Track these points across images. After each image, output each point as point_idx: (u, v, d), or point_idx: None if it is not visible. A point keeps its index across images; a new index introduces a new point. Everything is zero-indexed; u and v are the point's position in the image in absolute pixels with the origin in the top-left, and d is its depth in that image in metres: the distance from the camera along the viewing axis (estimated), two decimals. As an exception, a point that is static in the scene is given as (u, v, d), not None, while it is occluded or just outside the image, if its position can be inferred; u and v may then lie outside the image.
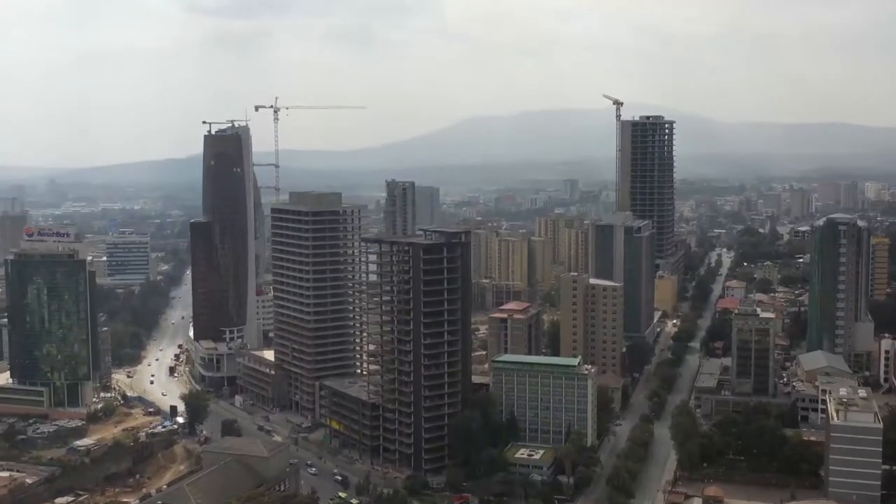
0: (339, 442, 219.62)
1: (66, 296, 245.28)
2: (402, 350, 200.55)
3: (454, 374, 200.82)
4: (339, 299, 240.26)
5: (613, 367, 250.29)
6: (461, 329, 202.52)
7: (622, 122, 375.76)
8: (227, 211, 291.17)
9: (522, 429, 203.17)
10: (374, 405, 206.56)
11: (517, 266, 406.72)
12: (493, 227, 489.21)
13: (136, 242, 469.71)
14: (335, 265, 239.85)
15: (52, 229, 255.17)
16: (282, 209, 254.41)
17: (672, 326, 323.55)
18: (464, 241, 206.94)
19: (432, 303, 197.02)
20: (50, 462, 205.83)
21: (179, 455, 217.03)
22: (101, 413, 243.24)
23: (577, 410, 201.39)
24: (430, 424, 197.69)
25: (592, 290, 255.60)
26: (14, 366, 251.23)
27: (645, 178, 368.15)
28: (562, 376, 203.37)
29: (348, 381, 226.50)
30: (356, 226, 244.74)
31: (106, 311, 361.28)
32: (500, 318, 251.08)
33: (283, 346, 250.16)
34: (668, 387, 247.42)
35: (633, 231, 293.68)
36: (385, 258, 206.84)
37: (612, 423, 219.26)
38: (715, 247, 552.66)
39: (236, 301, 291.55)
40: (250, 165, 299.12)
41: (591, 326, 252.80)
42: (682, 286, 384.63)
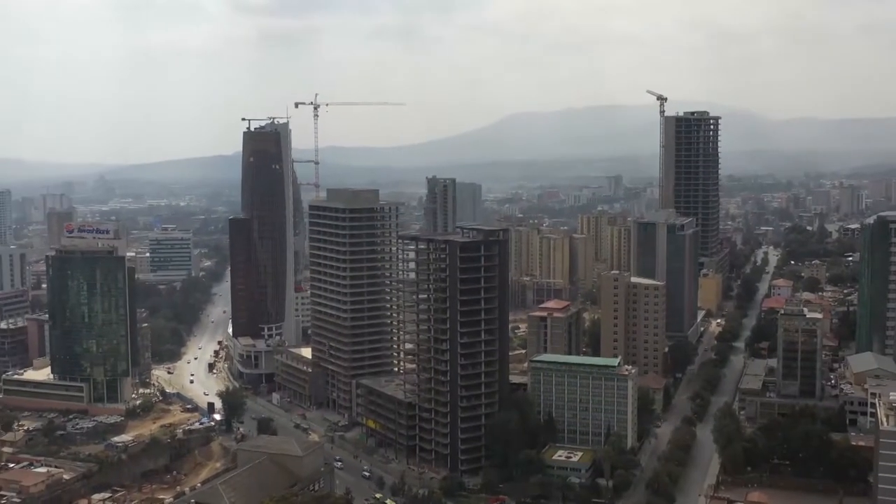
0: (375, 441, 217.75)
1: (106, 292, 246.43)
2: (439, 349, 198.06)
3: (491, 373, 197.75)
4: (376, 297, 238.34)
5: (655, 368, 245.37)
6: (498, 328, 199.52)
7: (666, 117, 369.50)
8: (266, 208, 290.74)
9: (561, 430, 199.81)
10: (411, 404, 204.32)
11: (558, 264, 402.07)
12: (534, 224, 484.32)
13: (178, 239, 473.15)
14: (372, 262, 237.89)
15: (92, 226, 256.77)
16: (319, 206, 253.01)
17: (716, 326, 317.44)
18: (502, 239, 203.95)
19: (469, 301, 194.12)
20: (87, 458, 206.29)
21: (216, 452, 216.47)
22: (140, 409, 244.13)
23: (616, 412, 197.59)
24: (466, 424, 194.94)
25: (634, 288, 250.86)
26: (55, 361, 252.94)
27: (689, 175, 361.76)
28: (601, 377, 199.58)
29: (385, 379, 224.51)
30: (393, 223, 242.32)
31: (147, 306, 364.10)
32: (539, 317, 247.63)
33: (320, 343, 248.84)
34: (711, 388, 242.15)
35: (676, 229, 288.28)
36: (422, 256, 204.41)
37: (652, 425, 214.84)
38: (761, 244, 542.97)
39: (275, 298, 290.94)
40: (289, 162, 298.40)
41: (632, 326, 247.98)
42: (727, 285, 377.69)
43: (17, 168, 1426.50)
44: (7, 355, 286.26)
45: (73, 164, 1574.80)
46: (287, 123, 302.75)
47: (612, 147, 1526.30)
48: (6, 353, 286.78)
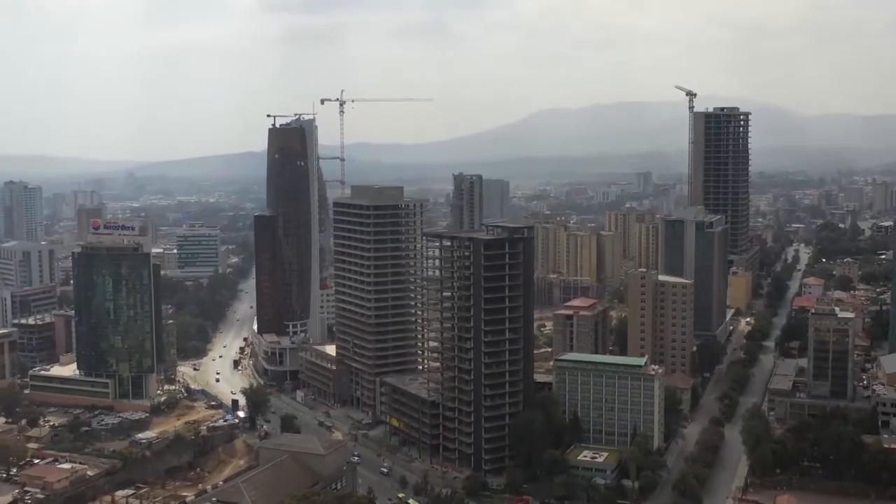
0: (398, 440, 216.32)
1: (131, 288, 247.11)
2: (463, 348, 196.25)
3: (516, 372, 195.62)
4: (400, 294, 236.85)
5: (683, 367, 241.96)
6: (523, 327, 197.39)
7: (695, 113, 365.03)
8: (291, 204, 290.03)
9: (586, 430, 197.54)
10: (434, 403, 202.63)
11: (586, 261, 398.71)
12: (561, 220, 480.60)
13: (205, 235, 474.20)
14: (396, 260, 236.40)
15: (118, 223, 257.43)
16: (343, 203, 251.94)
17: (745, 325, 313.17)
18: (527, 237, 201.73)
19: (493, 300, 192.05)
20: (112, 454, 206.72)
21: (239, 450, 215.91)
22: (165, 406, 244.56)
23: (643, 412, 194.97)
24: (490, 424, 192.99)
25: (661, 286, 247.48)
26: (80, 357, 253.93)
27: (719, 172, 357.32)
28: (627, 376, 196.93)
29: (409, 377, 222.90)
30: (418, 220, 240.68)
31: (174, 303, 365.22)
32: (565, 315, 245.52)
33: (344, 341, 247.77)
34: (739, 388, 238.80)
35: (704, 226, 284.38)
36: (446, 253, 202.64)
37: (679, 426, 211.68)
38: (792, 242, 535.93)
39: (300, 295, 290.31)
40: (315, 159, 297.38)
41: (659, 324, 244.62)
42: (757, 283, 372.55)
43: (49, 165, 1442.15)
44: (35, 351, 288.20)
45: (104, 161, 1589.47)
46: (313, 120, 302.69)
47: (640, 143, 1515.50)
48: (34, 349, 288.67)
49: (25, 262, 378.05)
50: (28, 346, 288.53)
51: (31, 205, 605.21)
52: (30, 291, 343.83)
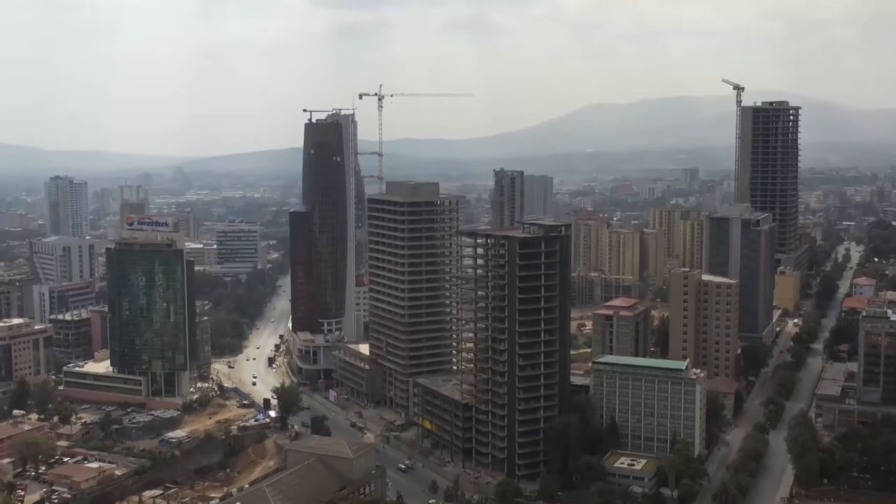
0: (430, 442, 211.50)
1: (164, 285, 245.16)
2: (497, 349, 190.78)
3: (551, 375, 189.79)
4: (434, 293, 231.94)
5: (726, 370, 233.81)
6: (559, 328, 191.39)
7: (743, 108, 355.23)
8: (326, 200, 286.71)
9: (624, 436, 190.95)
10: (467, 406, 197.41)
11: (628, 259, 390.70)
12: (604, 217, 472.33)
13: (245, 231, 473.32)
14: (431, 258, 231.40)
15: (152, 218, 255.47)
16: (377, 199, 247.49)
17: (793, 326, 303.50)
18: (564, 235, 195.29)
19: (529, 300, 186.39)
20: (141, 453, 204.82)
21: (269, 450, 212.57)
22: (197, 404, 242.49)
23: (683, 418, 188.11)
24: (524, 428, 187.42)
25: (705, 286, 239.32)
26: (114, 354, 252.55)
27: (767, 168, 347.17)
28: (667, 380, 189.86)
29: (442, 378, 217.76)
30: (454, 217, 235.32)
31: (212, 299, 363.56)
32: (605, 315, 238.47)
33: (377, 340, 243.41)
34: (785, 393, 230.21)
35: (751, 224, 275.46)
36: (480, 252, 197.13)
37: (722, 432, 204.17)
38: (843, 240, 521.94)
39: (335, 292, 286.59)
40: (351, 154, 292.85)
41: (703, 326, 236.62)
42: (805, 283, 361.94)
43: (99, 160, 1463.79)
44: (71, 346, 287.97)
45: (153, 157, 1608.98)
46: (353, 115, 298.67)
47: (687, 139, 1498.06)
48: (70, 345, 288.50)
49: (66, 257, 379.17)
50: (64, 342, 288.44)
51: (77, 200, 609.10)
52: (68, 287, 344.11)
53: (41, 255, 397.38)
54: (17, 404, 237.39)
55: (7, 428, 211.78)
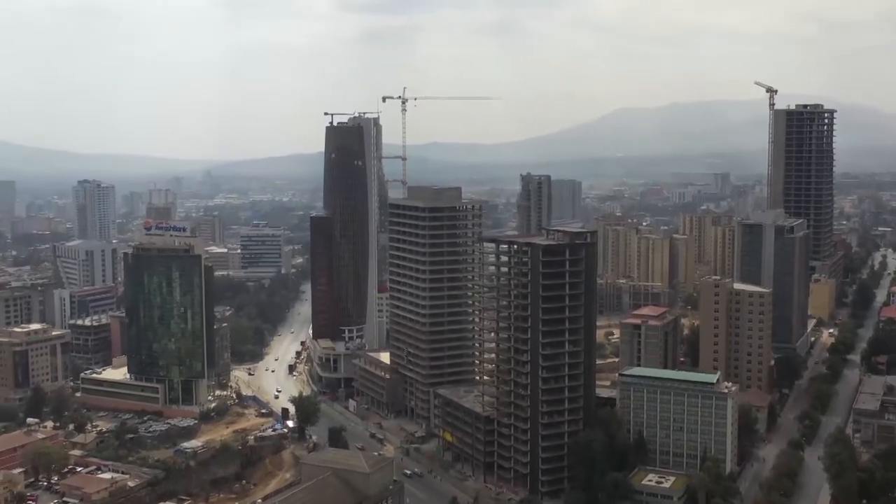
0: (451, 455, 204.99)
1: (181, 291, 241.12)
2: (519, 360, 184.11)
3: (575, 387, 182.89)
4: (456, 301, 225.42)
5: (759, 383, 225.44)
6: (584, 338, 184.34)
7: (776, 111, 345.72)
8: (347, 205, 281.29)
9: (652, 451, 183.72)
10: (489, 418, 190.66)
11: (657, 266, 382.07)
12: (633, 223, 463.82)
13: (269, 235, 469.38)
14: (453, 265, 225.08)
15: (169, 223, 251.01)
16: (398, 204, 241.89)
17: (828, 336, 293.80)
18: (589, 242, 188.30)
19: (552, 309, 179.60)
20: (155, 464, 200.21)
21: (286, 462, 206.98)
22: (214, 412, 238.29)
23: (714, 433, 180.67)
24: (548, 443, 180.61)
25: (737, 295, 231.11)
26: (131, 361, 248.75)
27: (801, 172, 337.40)
28: (698, 394, 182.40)
29: (464, 389, 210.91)
30: (476, 223, 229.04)
31: (234, 304, 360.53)
32: (633, 325, 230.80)
33: (398, 349, 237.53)
34: (821, 407, 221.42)
35: (784, 230, 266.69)
36: (502, 259, 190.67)
37: (755, 448, 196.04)
38: (879, 247, 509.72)
39: (356, 299, 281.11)
40: (373, 158, 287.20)
41: (734, 336, 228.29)
42: (841, 291, 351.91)
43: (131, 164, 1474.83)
44: (91, 352, 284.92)
45: (183, 160, 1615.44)
46: (377, 119, 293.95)
47: (718, 143, 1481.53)
48: (90, 351, 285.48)
49: (88, 262, 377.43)
50: (83, 348, 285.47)
51: (105, 203, 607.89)
52: (89, 291, 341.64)
53: (64, 259, 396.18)
54: (32, 411, 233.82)
55: (20, 436, 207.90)
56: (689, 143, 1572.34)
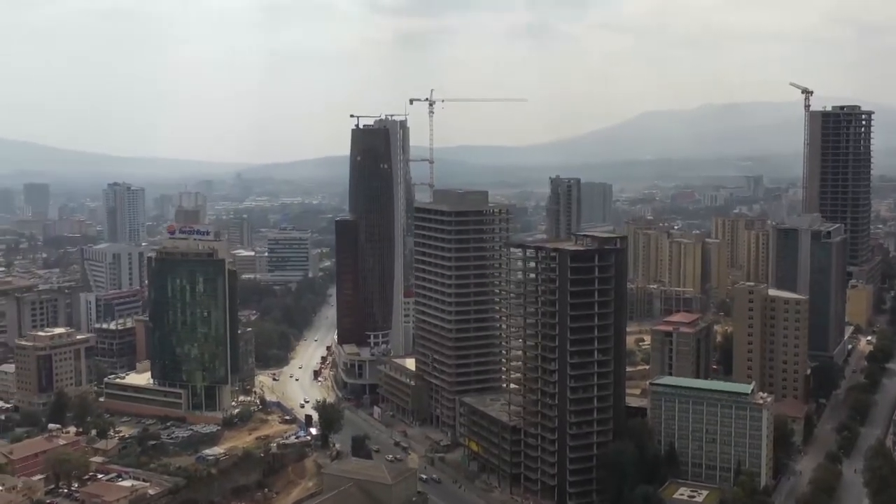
0: (477, 465, 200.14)
1: (205, 295, 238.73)
2: (546, 368, 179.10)
3: (605, 397, 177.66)
4: (483, 307, 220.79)
5: (795, 392, 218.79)
6: (614, 346, 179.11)
7: (811, 112, 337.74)
8: (373, 209, 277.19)
9: (684, 464, 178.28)
10: (515, 428, 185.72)
11: (689, 270, 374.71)
12: (664, 227, 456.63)
13: (296, 238, 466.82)
14: (479, 270, 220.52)
15: (193, 227, 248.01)
16: (423, 208, 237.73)
17: (866, 344, 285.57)
18: (619, 248, 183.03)
19: (581, 317, 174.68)
20: (177, 471, 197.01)
21: (309, 470, 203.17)
22: (237, 418, 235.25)
23: (748, 445, 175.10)
24: (576, 454, 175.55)
25: (772, 302, 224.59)
26: (154, 366, 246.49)
27: (837, 175, 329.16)
28: (732, 405, 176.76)
29: (490, 398, 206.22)
30: (503, 227, 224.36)
31: (261, 308, 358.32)
32: (664, 332, 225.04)
33: (423, 355, 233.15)
34: (860, 418, 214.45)
35: (821, 235, 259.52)
36: (529, 265, 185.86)
37: (791, 461, 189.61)
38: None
39: (381, 304, 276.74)
40: (400, 161, 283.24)
41: (769, 344, 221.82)
42: (879, 297, 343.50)
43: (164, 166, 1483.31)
44: (115, 356, 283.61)
45: (214, 163, 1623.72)
46: (405, 121, 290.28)
47: (751, 145, 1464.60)
48: (115, 355, 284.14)
49: (115, 265, 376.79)
50: (108, 352, 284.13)
51: (134, 206, 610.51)
52: (115, 295, 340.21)
53: (92, 261, 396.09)
54: (55, 416, 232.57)
55: (41, 442, 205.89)
56: (720, 146, 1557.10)
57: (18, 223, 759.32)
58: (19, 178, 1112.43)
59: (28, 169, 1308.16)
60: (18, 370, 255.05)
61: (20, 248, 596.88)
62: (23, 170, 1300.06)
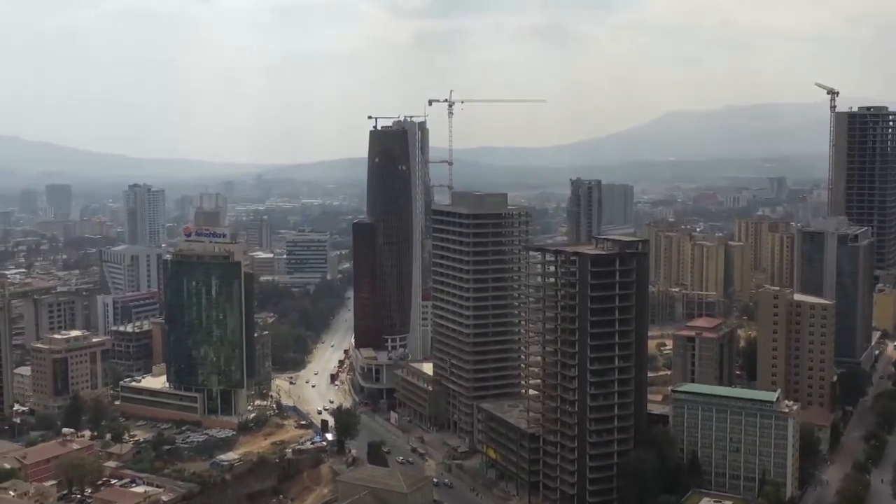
0: (495, 472, 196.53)
1: (220, 298, 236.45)
2: (566, 375, 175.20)
3: (626, 405, 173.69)
4: (501, 311, 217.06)
5: (821, 399, 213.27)
6: (636, 353, 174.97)
7: (837, 113, 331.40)
8: (391, 211, 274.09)
9: (707, 473, 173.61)
10: (534, 436, 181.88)
11: (712, 274, 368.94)
12: (686, 229, 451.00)
13: (315, 240, 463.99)
14: (498, 274, 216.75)
15: (209, 229, 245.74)
16: (441, 211, 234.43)
17: (893, 350, 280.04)
18: (640, 252, 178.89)
19: (601, 322, 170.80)
20: (191, 477, 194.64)
21: (325, 476, 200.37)
22: (253, 423, 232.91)
23: (773, 455, 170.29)
24: (596, 463, 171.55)
25: (797, 307, 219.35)
26: (170, 369, 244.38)
27: (864, 177, 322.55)
28: (756, 413, 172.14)
29: (508, 404, 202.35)
30: (523, 230, 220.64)
31: (278, 310, 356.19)
32: (686, 337, 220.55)
33: (441, 360, 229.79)
34: (888, 426, 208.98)
35: (847, 239, 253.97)
36: (549, 269, 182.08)
37: (817, 471, 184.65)
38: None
39: (399, 307, 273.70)
40: (418, 162, 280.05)
41: (794, 350, 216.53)
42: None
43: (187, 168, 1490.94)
44: (132, 359, 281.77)
45: (235, 164, 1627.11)
46: (424, 122, 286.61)
47: (774, 146, 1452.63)
48: (131, 357, 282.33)
49: (134, 267, 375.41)
50: (125, 355, 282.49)
51: (154, 208, 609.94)
52: (132, 297, 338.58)
53: (110, 263, 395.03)
54: (70, 420, 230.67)
55: (55, 447, 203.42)
56: (742, 147, 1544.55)
57: (40, 224, 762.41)
58: (44, 180, 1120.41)
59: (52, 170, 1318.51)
60: (34, 373, 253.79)
61: (41, 249, 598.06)
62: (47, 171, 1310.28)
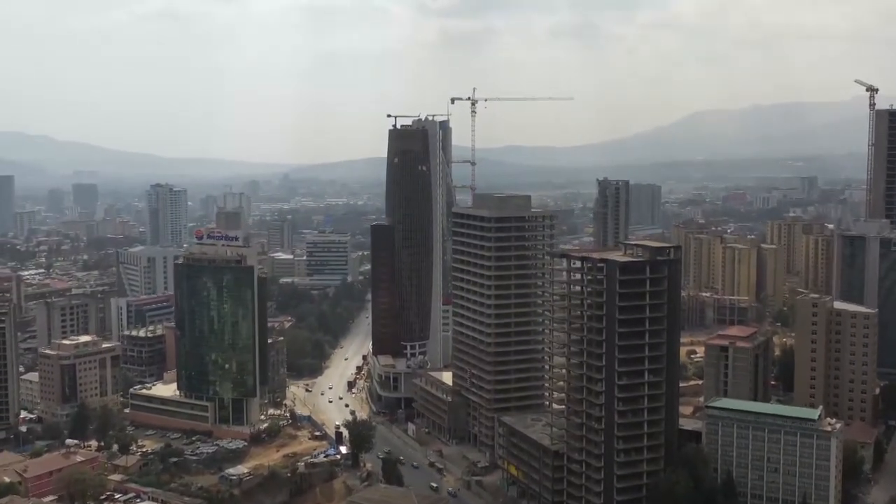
0: (517, 490, 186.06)
1: (233, 303, 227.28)
2: (592, 389, 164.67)
3: (656, 421, 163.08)
4: (524, 319, 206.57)
5: (862, 414, 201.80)
6: (667, 366, 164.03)
7: (877, 111, 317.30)
8: (411, 212, 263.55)
9: (742, 495, 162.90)
10: (558, 453, 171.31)
11: (744, 277, 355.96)
12: (717, 230, 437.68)
13: (335, 241, 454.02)
14: (521, 280, 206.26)
15: (221, 232, 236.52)
16: (461, 213, 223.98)
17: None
18: (672, 258, 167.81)
19: (630, 334, 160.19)
20: (198, 492, 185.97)
21: (338, 492, 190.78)
22: (265, 434, 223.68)
23: (815, 476, 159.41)
24: (624, 483, 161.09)
25: (837, 316, 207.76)
26: (181, 377, 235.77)
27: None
28: (796, 431, 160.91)
29: (531, 417, 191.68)
30: (547, 234, 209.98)
31: (297, 314, 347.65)
32: (719, 346, 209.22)
33: (461, 369, 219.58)
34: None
35: (890, 243, 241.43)
36: (574, 277, 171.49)
37: (860, 492, 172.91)
38: None
39: (419, 313, 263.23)
40: (439, 163, 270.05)
41: (834, 361, 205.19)
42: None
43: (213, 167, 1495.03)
44: (144, 365, 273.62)
45: (262, 164, 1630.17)
46: (447, 121, 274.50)
47: (803, 146, 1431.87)
48: (144, 363, 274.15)
49: (150, 268, 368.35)
50: (137, 360, 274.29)
51: (176, 208, 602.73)
52: (147, 300, 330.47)
53: (127, 265, 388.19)
54: (77, 429, 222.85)
55: (57, 459, 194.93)
56: (771, 146, 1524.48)
57: (64, 224, 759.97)
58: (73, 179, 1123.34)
59: (82, 170, 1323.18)
60: (42, 380, 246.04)
61: (62, 249, 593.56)
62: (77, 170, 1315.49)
